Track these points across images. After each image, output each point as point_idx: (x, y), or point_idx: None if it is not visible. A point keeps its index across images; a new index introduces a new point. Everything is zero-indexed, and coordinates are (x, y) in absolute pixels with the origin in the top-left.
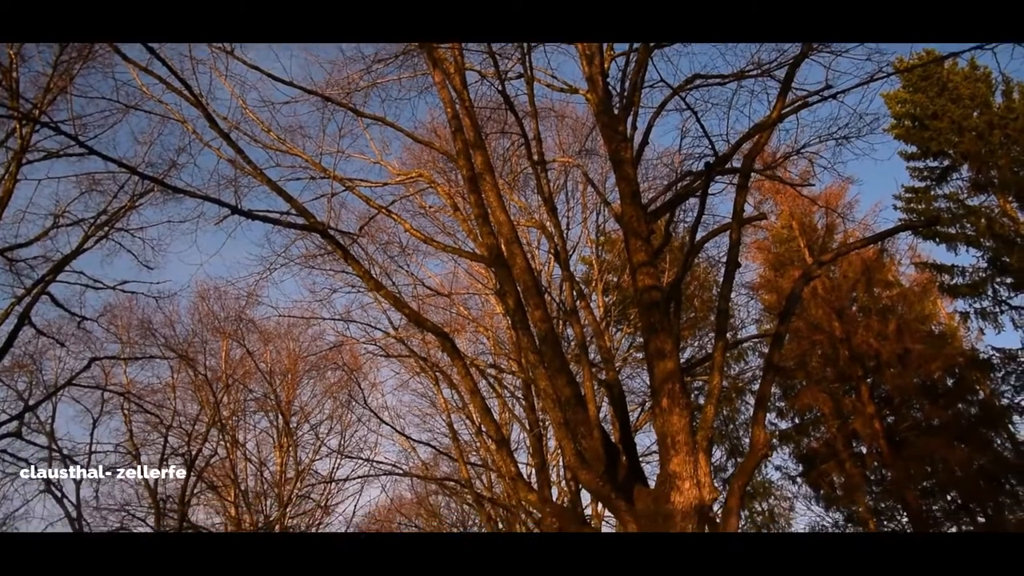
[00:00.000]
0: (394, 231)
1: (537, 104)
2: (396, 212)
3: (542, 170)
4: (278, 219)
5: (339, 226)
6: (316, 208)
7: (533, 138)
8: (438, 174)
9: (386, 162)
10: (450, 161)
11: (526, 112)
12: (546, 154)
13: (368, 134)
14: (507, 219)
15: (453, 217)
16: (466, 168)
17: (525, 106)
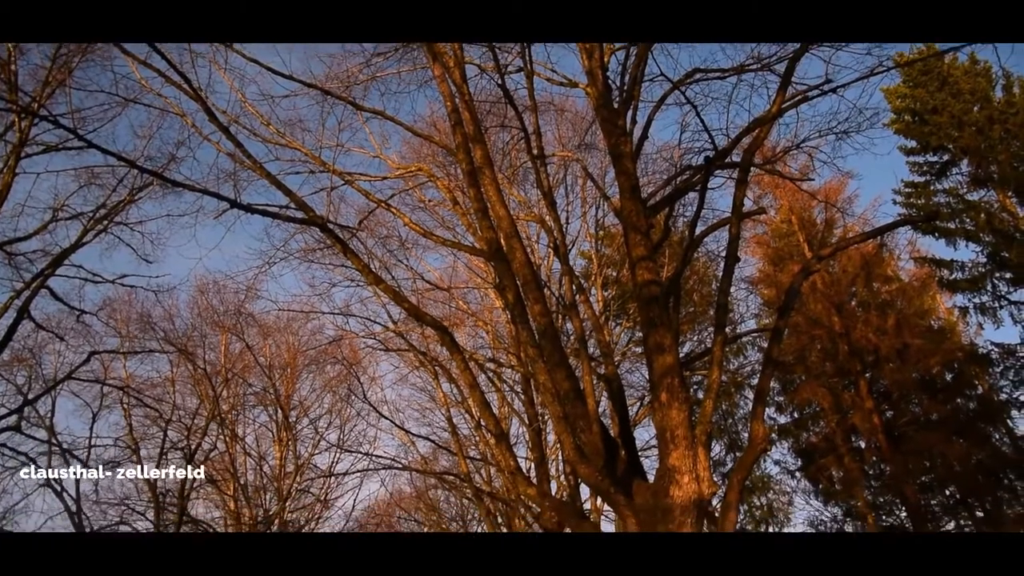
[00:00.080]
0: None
1: (537, 98)
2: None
3: (541, 164)
4: (277, 213)
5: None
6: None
7: (532, 132)
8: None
9: (385, 156)
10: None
11: (526, 106)
12: (546, 148)
13: (367, 128)
14: (506, 213)
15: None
16: (466, 162)
17: (525, 100)
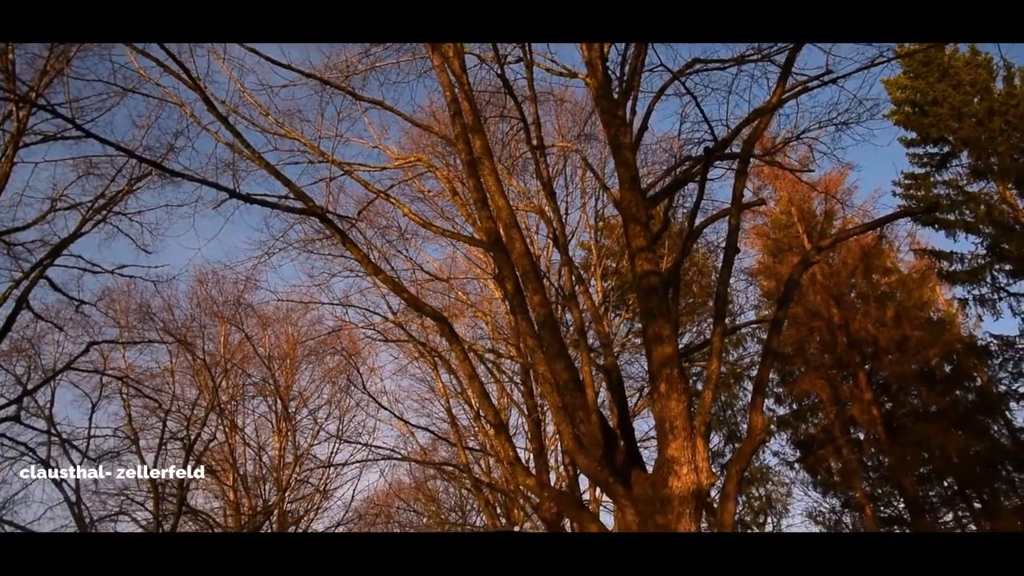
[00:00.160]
0: (393, 215)
1: (536, 88)
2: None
3: (541, 155)
4: (276, 203)
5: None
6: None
7: (532, 122)
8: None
9: (385, 146)
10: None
11: (525, 96)
12: (545, 139)
13: (367, 118)
14: (506, 204)
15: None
16: (465, 152)
17: (524, 90)
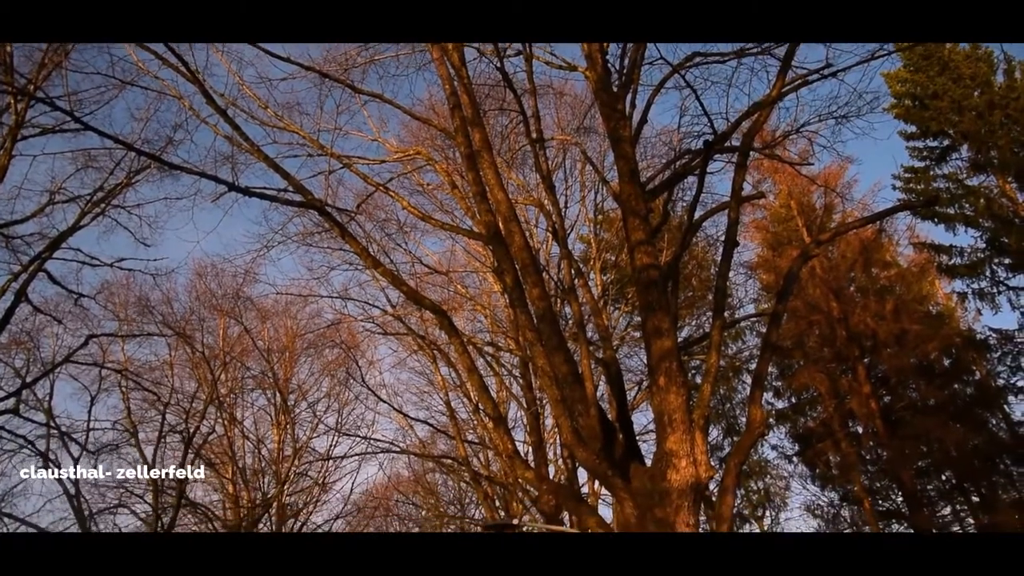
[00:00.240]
0: (392, 208)
1: (536, 81)
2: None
3: (540, 148)
4: (275, 196)
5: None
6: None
7: (531, 116)
8: (436, 151)
9: (384, 139)
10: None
11: (524, 89)
12: (544, 132)
13: (366, 111)
14: (505, 197)
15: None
16: (464, 145)
17: (524, 83)
